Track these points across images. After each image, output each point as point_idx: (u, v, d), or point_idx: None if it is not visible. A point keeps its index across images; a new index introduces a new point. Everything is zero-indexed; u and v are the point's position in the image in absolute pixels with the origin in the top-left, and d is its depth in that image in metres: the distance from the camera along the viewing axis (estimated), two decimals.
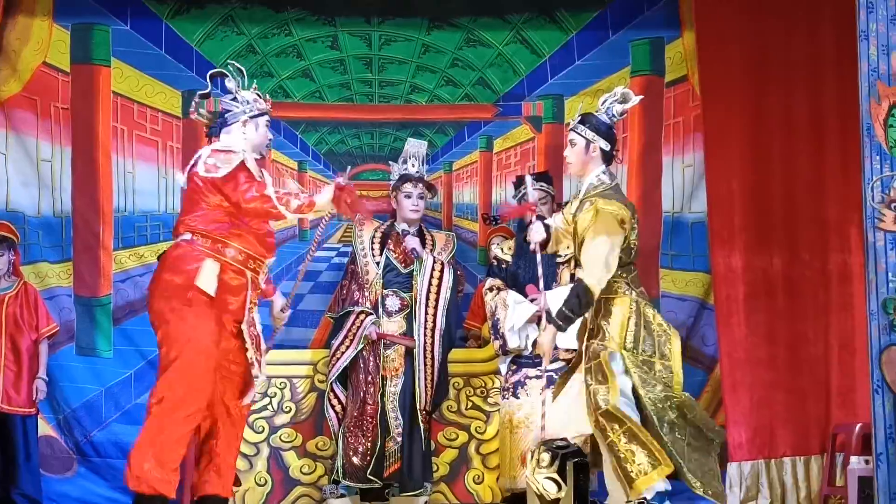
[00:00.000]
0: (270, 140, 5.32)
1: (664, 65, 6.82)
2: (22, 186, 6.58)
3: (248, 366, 5.09)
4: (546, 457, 4.48)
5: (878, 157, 5.46)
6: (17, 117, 6.54)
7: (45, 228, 6.59)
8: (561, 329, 5.03)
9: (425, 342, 6.15)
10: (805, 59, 6.41)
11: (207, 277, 4.97)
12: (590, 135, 5.08)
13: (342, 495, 6.18)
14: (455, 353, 6.34)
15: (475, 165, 6.96)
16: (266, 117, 5.24)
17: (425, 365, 6.14)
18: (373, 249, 6.31)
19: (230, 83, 5.20)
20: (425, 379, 6.13)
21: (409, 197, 6.27)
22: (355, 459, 6.12)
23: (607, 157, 5.13)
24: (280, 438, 6.37)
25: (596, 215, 4.95)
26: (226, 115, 5.18)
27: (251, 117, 5.19)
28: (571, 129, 5.14)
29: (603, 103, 5.14)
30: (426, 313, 6.18)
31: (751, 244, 6.41)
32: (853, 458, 5.86)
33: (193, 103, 5.21)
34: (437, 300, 6.19)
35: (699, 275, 6.71)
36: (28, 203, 6.58)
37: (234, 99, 5.19)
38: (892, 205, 5.48)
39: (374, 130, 6.91)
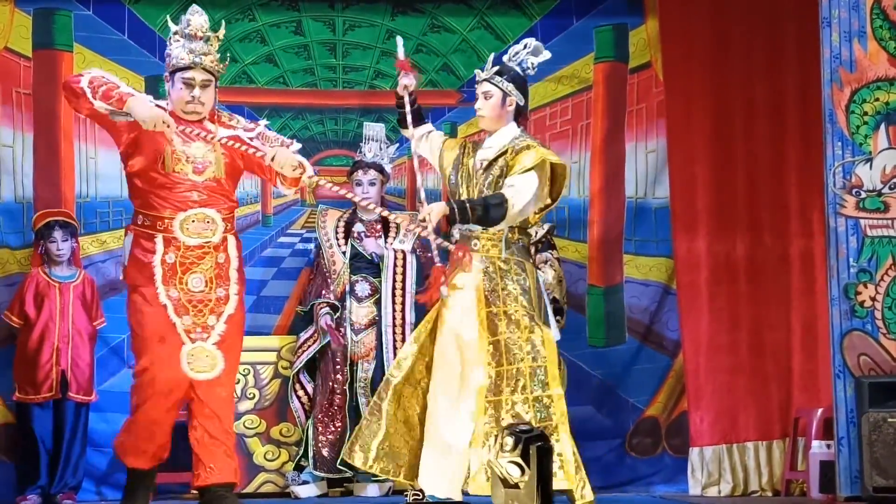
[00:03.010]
0: (193, 98, 4.82)
1: (628, 51, 6.83)
2: None
3: (172, 329, 4.79)
4: (509, 441, 4.48)
5: (839, 143, 5.52)
6: None
7: (6, 214, 6.52)
8: (454, 216, 4.82)
9: (395, 339, 6.12)
10: (767, 44, 6.44)
11: (124, 249, 4.91)
12: (507, 86, 4.91)
13: (305, 482, 6.17)
14: None
15: None
16: (185, 73, 4.82)
17: None
18: (337, 239, 6.29)
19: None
20: None
21: (359, 184, 6.25)
22: (325, 451, 6.11)
23: (519, 114, 4.98)
24: (244, 425, 6.34)
25: (541, 163, 4.83)
26: None
27: (170, 74, 4.91)
28: (485, 80, 4.93)
29: (515, 55, 4.96)
30: (393, 310, 6.15)
31: (713, 229, 6.45)
32: (815, 443, 5.90)
33: None
34: (403, 294, 6.17)
35: (662, 260, 6.73)
36: None
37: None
38: (854, 190, 5.53)
39: (338, 116, 6.88)
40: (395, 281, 6.19)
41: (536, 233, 6.16)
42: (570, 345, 6.39)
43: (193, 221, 4.82)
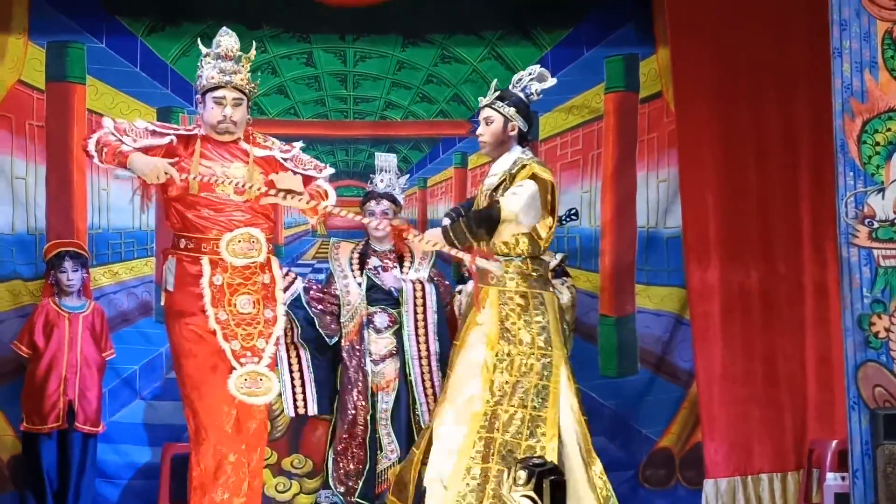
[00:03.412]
0: (225, 117, 4.86)
1: (638, 81, 6.83)
2: None
3: (221, 355, 4.71)
4: (522, 475, 4.46)
5: (851, 174, 5.49)
6: None
7: (18, 245, 6.55)
8: (449, 239, 4.73)
9: (422, 371, 6.01)
10: (779, 73, 6.42)
11: (165, 275, 4.86)
12: (509, 111, 4.88)
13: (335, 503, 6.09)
14: None
15: (450, 182, 6.96)
16: (216, 92, 4.85)
17: (426, 396, 5.96)
18: (353, 271, 6.20)
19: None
20: (429, 411, 5.91)
21: (372, 214, 6.15)
22: (349, 482, 6.03)
23: (522, 139, 4.94)
24: None
25: (532, 177, 4.77)
26: None
27: (201, 95, 4.94)
28: (487, 106, 4.91)
29: (518, 81, 4.94)
30: (418, 342, 6.07)
31: (726, 258, 6.40)
32: (829, 475, 5.86)
33: None
34: (425, 325, 6.09)
35: (675, 290, 6.71)
36: (2, 221, 6.53)
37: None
38: (866, 220, 5.50)
39: (349, 147, 6.90)
40: (416, 313, 6.13)
41: (550, 263, 6.15)
42: (581, 375, 6.32)
43: (239, 241, 4.80)
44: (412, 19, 6.82)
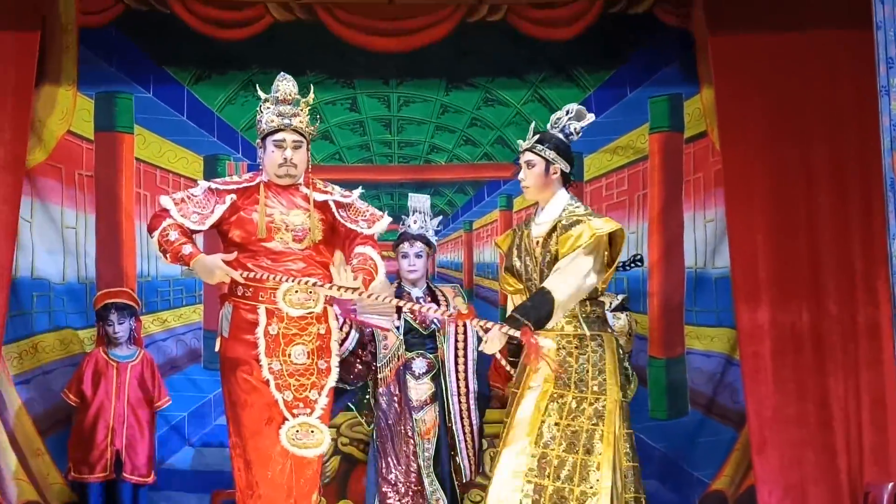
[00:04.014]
0: (286, 160, 4.88)
1: (683, 121, 6.81)
2: (47, 254, 6.60)
3: (274, 406, 4.69)
4: None
5: None
6: (42, 185, 6.58)
7: (69, 295, 6.61)
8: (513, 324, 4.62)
9: (461, 409, 6.00)
10: (825, 111, 6.36)
11: (221, 321, 4.86)
12: (550, 154, 4.83)
13: None
14: None
15: (495, 224, 6.95)
16: (276, 136, 4.88)
17: (465, 434, 5.96)
18: None
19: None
20: (467, 449, 5.97)
21: (405, 257, 6.08)
22: None
23: (566, 181, 4.91)
24: None
25: (590, 236, 4.71)
26: None
27: (261, 140, 4.98)
28: (527, 150, 4.86)
29: (557, 122, 4.89)
30: (457, 379, 6.02)
31: (777, 298, 6.32)
32: None
33: None
34: (465, 363, 6.07)
35: (724, 330, 6.64)
36: (53, 270, 6.61)
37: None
38: None
39: (394, 191, 6.91)
40: (457, 349, 6.10)
41: (611, 303, 6.12)
42: (631, 417, 6.29)
43: (296, 292, 4.76)
44: (455, 63, 6.84)
